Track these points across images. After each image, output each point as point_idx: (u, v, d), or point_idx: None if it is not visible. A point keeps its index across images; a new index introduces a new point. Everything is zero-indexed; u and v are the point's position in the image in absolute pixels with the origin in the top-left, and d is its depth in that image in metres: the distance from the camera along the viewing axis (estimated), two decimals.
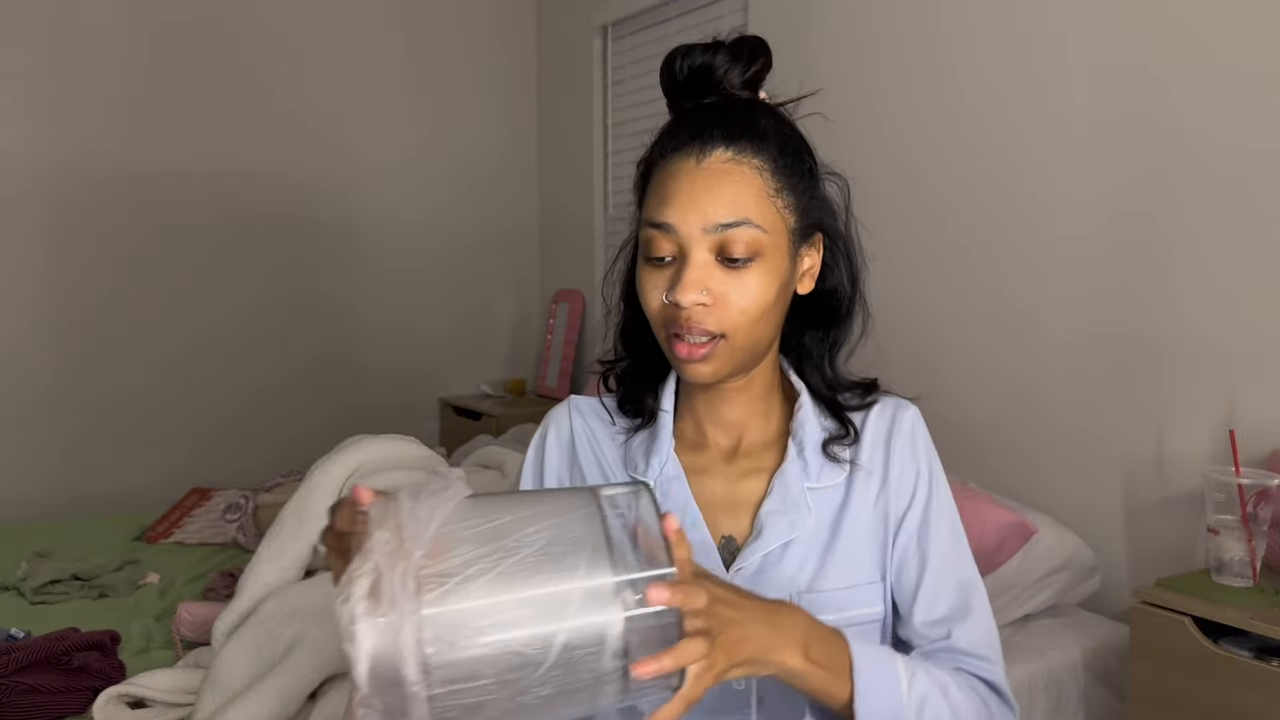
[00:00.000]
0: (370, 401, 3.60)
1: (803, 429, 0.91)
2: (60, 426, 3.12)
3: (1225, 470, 1.57)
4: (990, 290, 2.17)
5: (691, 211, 0.81)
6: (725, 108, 0.85)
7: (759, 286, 0.82)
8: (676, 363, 0.85)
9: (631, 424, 0.95)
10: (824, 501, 0.90)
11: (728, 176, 0.81)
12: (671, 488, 0.90)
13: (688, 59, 0.86)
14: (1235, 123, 1.73)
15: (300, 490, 1.92)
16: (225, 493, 2.82)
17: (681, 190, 0.82)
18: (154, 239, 3.22)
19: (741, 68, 0.86)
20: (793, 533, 0.87)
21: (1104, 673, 1.79)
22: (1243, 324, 1.73)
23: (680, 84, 0.87)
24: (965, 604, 0.90)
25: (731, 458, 0.93)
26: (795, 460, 0.90)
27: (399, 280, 3.67)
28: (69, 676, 1.64)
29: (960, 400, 2.22)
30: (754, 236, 0.81)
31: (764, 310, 0.83)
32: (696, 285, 0.81)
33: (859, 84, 2.45)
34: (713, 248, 0.81)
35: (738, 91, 0.87)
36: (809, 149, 0.90)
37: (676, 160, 0.83)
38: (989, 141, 2.16)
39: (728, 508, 0.90)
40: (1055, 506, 1.99)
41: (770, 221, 0.82)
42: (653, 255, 0.84)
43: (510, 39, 3.87)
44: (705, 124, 0.83)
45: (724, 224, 0.80)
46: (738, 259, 0.81)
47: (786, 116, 0.90)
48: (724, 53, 0.86)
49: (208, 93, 3.28)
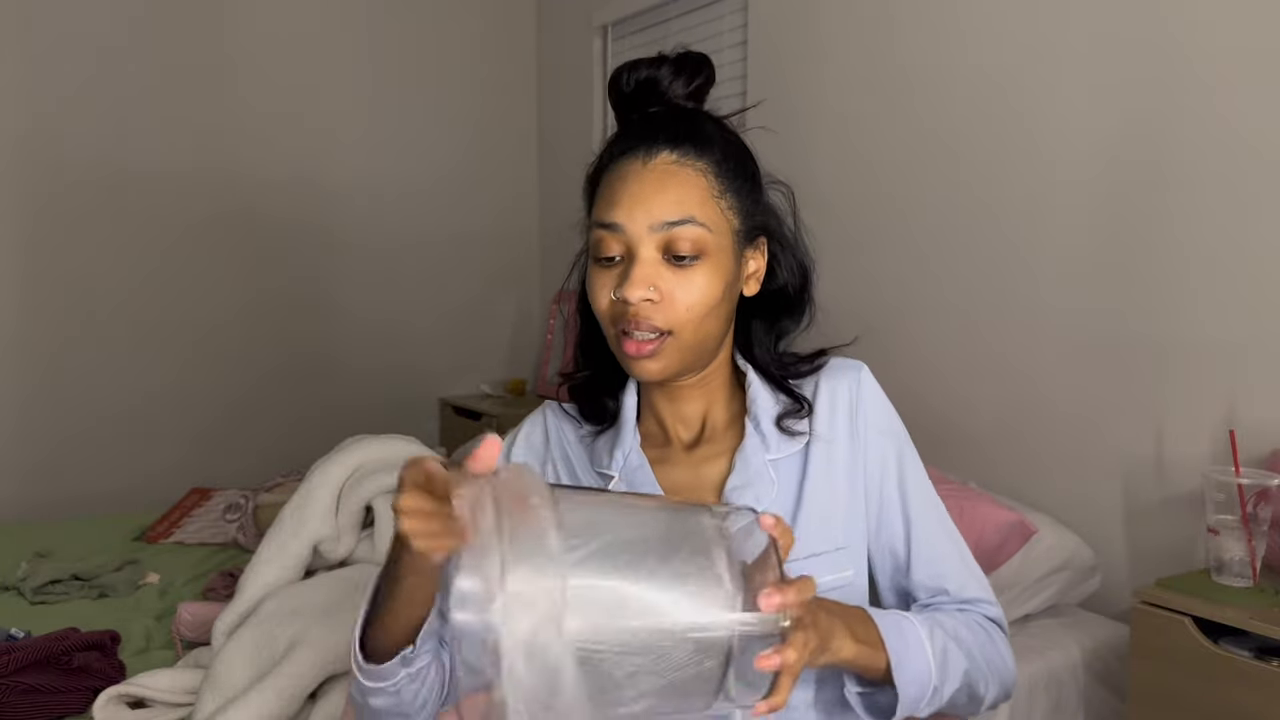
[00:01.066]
0: (370, 401, 3.60)
1: (755, 404, 0.94)
2: (60, 426, 3.12)
3: (1225, 470, 1.57)
4: (990, 290, 2.17)
5: (638, 210, 0.84)
6: (671, 115, 0.88)
7: (705, 284, 0.85)
8: (625, 360, 0.88)
9: (596, 428, 0.98)
10: (788, 469, 0.93)
11: (673, 178, 0.84)
12: (636, 477, 0.93)
13: (634, 73, 0.90)
14: (1235, 121, 1.73)
15: (300, 490, 1.92)
16: (225, 493, 2.82)
17: (629, 190, 0.85)
18: (154, 238, 3.22)
19: (685, 80, 0.90)
20: (758, 505, 0.89)
21: (1104, 673, 1.79)
22: (1243, 324, 1.73)
23: (627, 96, 0.91)
24: (958, 555, 0.96)
25: (693, 446, 0.96)
26: (753, 435, 0.93)
27: (399, 280, 3.67)
28: (69, 676, 1.64)
29: (960, 400, 2.22)
30: (699, 235, 0.84)
31: (710, 307, 0.86)
32: (644, 282, 0.84)
33: (859, 83, 2.45)
34: (659, 246, 0.84)
35: (681, 101, 0.90)
36: (751, 157, 0.93)
37: (624, 163, 0.86)
38: (987, 136, 2.16)
39: (693, 491, 0.93)
40: (1055, 506, 1.99)
41: (715, 221, 0.85)
42: (602, 255, 0.87)
43: (510, 39, 3.87)
44: (651, 129, 0.87)
45: (670, 221, 0.83)
46: (684, 256, 0.84)
47: (730, 126, 0.93)
48: (668, 66, 0.89)
49: (202, 91, 3.28)
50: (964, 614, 0.93)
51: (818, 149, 2.53)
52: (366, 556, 1.90)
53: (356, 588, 1.69)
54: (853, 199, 2.46)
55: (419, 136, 3.68)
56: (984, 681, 0.90)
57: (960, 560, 0.96)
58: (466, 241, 3.80)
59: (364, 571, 1.80)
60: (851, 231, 2.45)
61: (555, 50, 3.80)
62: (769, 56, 2.72)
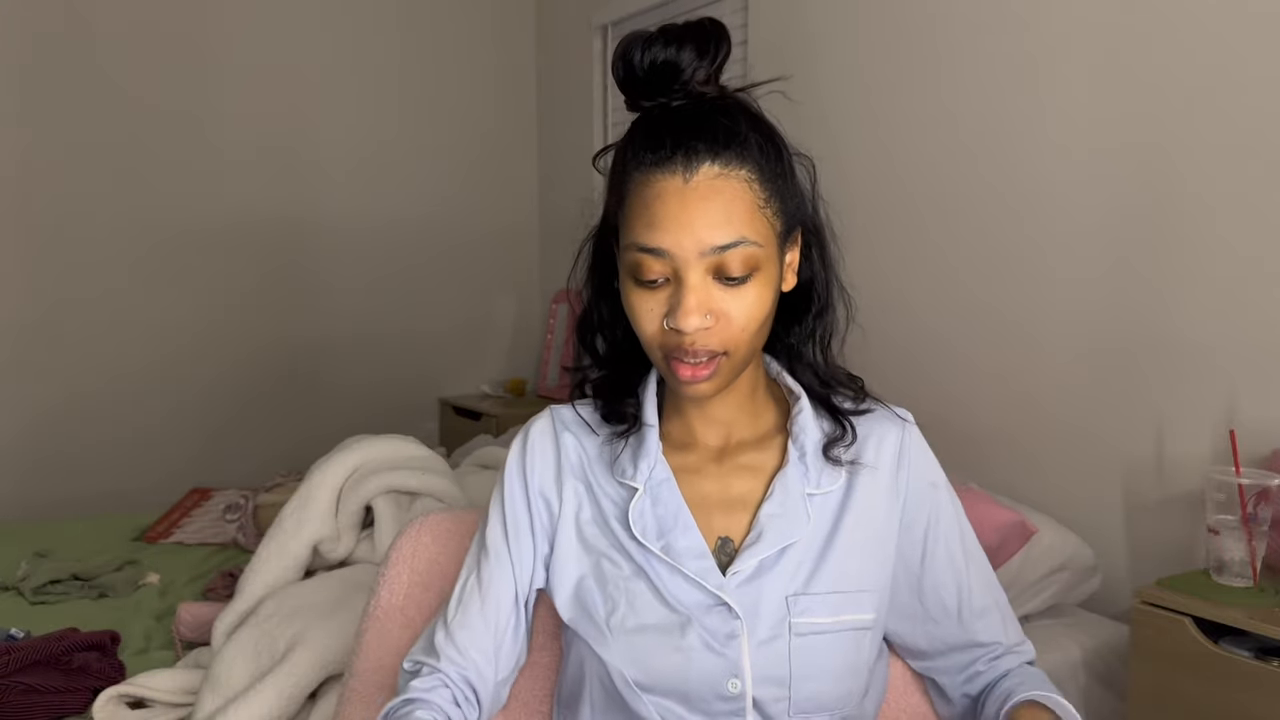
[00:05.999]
0: (370, 401, 3.60)
1: (804, 433, 0.90)
2: (60, 426, 3.12)
3: (1225, 470, 1.57)
4: (990, 290, 2.17)
5: (685, 236, 0.77)
6: (703, 113, 0.80)
7: (757, 300, 0.80)
8: (676, 383, 0.83)
9: (615, 430, 0.93)
10: (824, 508, 0.89)
11: (718, 195, 0.77)
12: (661, 491, 0.89)
13: (648, 52, 0.80)
14: (1235, 122, 1.73)
15: (300, 490, 1.92)
16: (225, 493, 2.82)
17: (671, 213, 0.78)
18: (153, 237, 3.22)
19: (708, 62, 0.81)
20: (792, 538, 0.86)
21: (1104, 673, 1.79)
22: (1243, 324, 1.73)
23: (640, 80, 0.81)
24: (1001, 609, 0.95)
25: (721, 456, 0.91)
26: (796, 464, 0.89)
27: (399, 280, 3.67)
28: (69, 676, 1.64)
29: (960, 400, 2.22)
30: (751, 253, 0.78)
31: (762, 321, 0.82)
32: (700, 310, 0.78)
33: (859, 83, 2.45)
34: (709, 269, 0.78)
35: (703, 88, 0.81)
36: (782, 139, 0.85)
37: (661, 178, 0.78)
38: (987, 141, 2.16)
39: (721, 506, 0.89)
40: (1055, 506, 1.99)
41: (763, 234, 0.80)
42: (644, 279, 0.80)
43: (509, 39, 3.87)
44: (686, 134, 0.78)
45: (720, 246, 0.77)
46: (736, 277, 0.79)
47: (756, 109, 0.85)
48: (690, 48, 0.80)
49: (202, 91, 3.28)
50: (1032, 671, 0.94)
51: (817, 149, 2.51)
52: (366, 556, 1.90)
53: (356, 588, 1.69)
54: (852, 199, 2.46)
55: (419, 138, 3.68)
56: None
57: (1003, 610, 0.95)
58: (467, 241, 3.80)
59: (364, 572, 1.80)
60: (851, 231, 2.43)
61: (555, 50, 3.80)
62: (769, 56, 2.72)
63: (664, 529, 0.87)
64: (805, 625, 0.85)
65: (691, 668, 0.84)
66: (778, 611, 0.85)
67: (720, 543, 0.88)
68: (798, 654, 0.84)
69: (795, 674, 0.84)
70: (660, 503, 0.88)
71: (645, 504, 0.88)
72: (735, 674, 0.84)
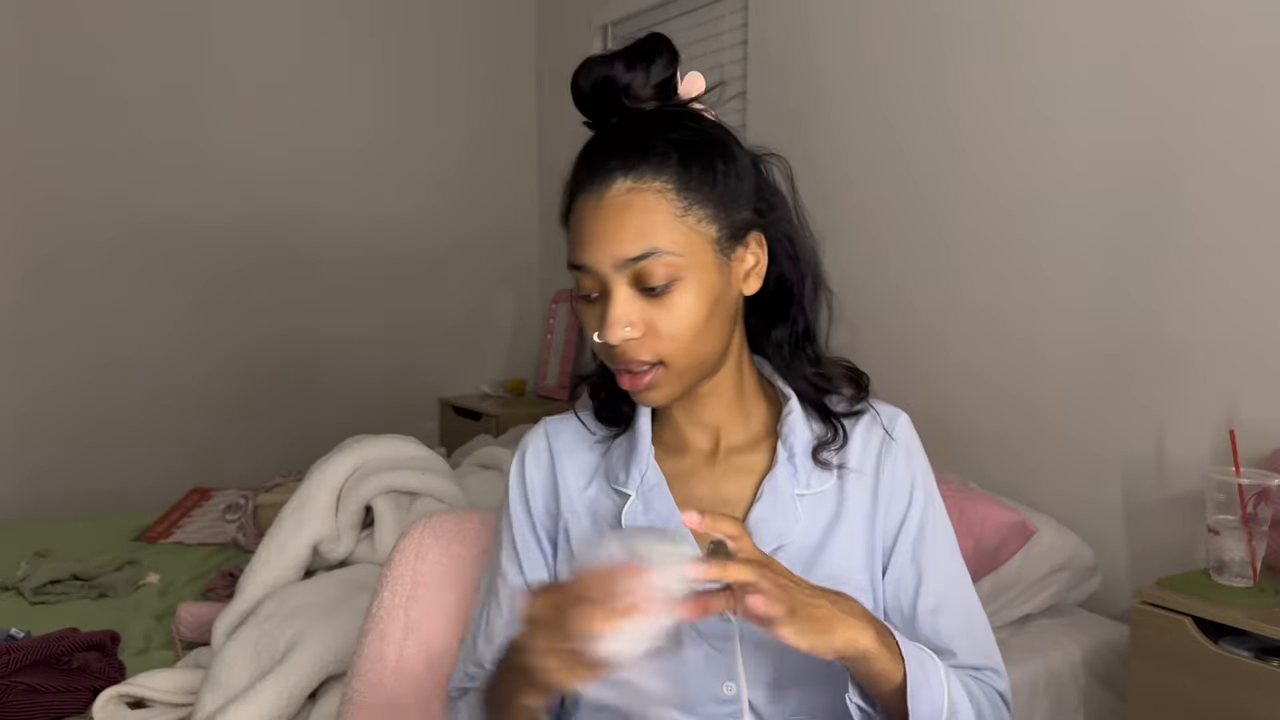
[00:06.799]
0: (370, 401, 3.60)
1: (793, 434, 0.90)
2: (60, 426, 3.11)
3: (1225, 470, 1.57)
4: (990, 291, 2.17)
5: (600, 250, 0.80)
6: (622, 132, 0.83)
7: (686, 309, 0.81)
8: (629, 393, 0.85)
9: (609, 432, 0.95)
10: (815, 508, 0.89)
11: (629, 209, 0.80)
12: (653, 496, 0.89)
13: (590, 73, 0.85)
14: (1235, 121, 1.73)
15: (300, 490, 1.92)
16: (225, 493, 2.82)
17: (588, 229, 0.81)
18: (154, 237, 3.22)
19: (643, 74, 0.84)
20: (782, 540, 0.86)
21: (1104, 673, 1.79)
22: (1243, 324, 1.73)
23: (587, 100, 0.86)
24: (969, 617, 0.91)
25: (712, 459, 0.92)
26: (785, 465, 0.89)
27: (399, 280, 3.67)
28: (69, 676, 1.64)
29: (961, 401, 2.22)
30: (667, 263, 0.80)
31: (697, 329, 0.82)
32: (620, 323, 0.80)
33: (859, 83, 2.45)
34: (630, 280, 0.80)
35: (643, 104, 0.85)
36: (724, 146, 0.85)
37: (583, 198, 0.83)
38: (985, 137, 2.16)
39: (714, 508, 0.88)
40: (1055, 506, 1.99)
41: (683, 242, 0.80)
42: (581, 294, 0.84)
43: (509, 39, 3.87)
44: (601, 155, 0.83)
45: (632, 258, 0.80)
46: (655, 287, 0.80)
47: (695, 120, 0.86)
48: (622, 61, 0.84)
49: (201, 91, 3.28)
50: (976, 679, 0.88)
51: (817, 149, 2.53)
52: (366, 556, 1.90)
53: (357, 588, 1.69)
54: (852, 199, 2.46)
55: (419, 138, 3.68)
56: None
57: (971, 624, 0.91)
58: (466, 241, 3.80)
59: (364, 571, 1.80)
60: (851, 231, 2.45)
61: (555, 50, 3.80)
62: (769, 56, 2.72)
63: None
64: None
65: (686, 673, 0.84)
66: None
67: (712, 546, 0.88)
68: (790, 657, 0.83)
69: (790, 675, 0.84)
70: (652, 508, 0.89)
71: (638, 509, 0.89)
72: (730, 676, 0.84)
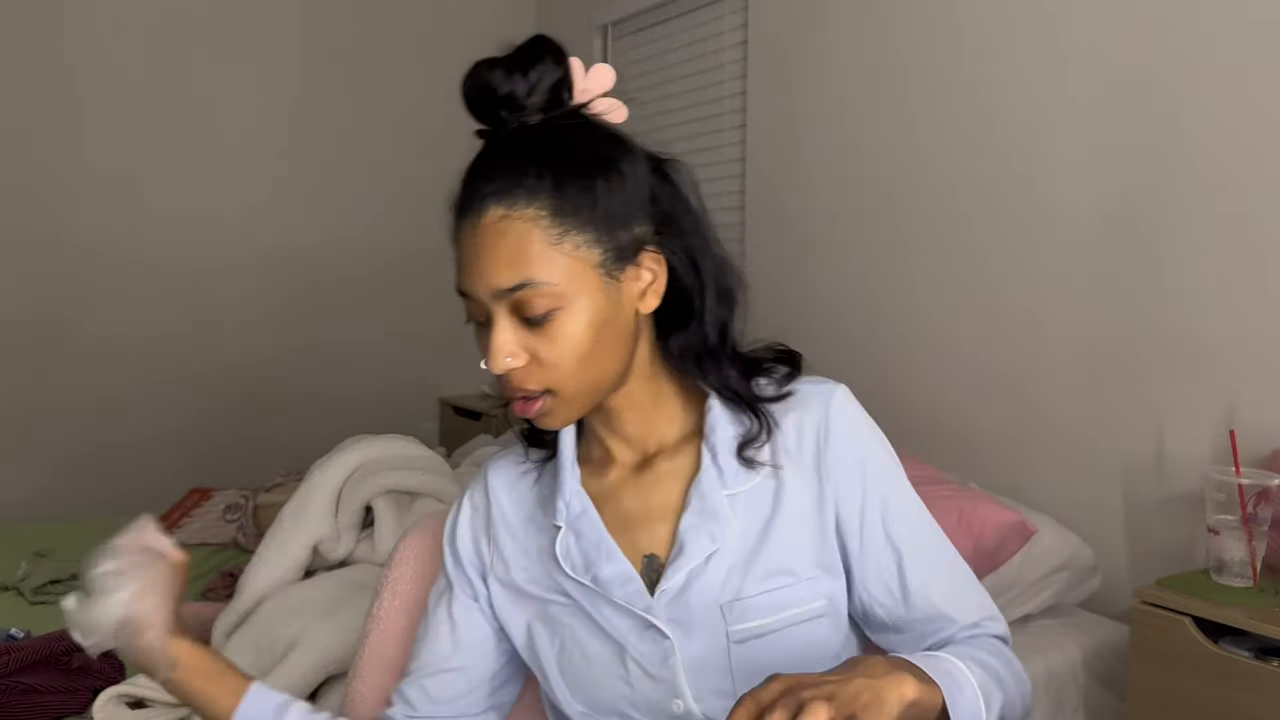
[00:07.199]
0: (370, 402, 3.60)
1: (714, 434, 0.86)
2: (60, 426, 3.12)
3: (1225, 470, 1.57)
4: (988, 290, 2.17)
5: (478, 280, 0.78)
6: (497, 154, 0.80)
7: (569, 338, 0.77)
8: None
9: (542, 456, 0.93)
10: (750, 504, 0.85)
11: (501, 239, 0.77)
12: (581, 524, 0.87)
13: (474, 80, 0.81)
14: (1235, 120, 1.73)
15: (300, 490, 1.93)
16: (225, 493, 2.82)
17: (467, 257, 0.79)
18: (155, 239, 3.22)
19: (524, 82, 0.80)
20: (714, 545, 0.84)
21: (1104, 673, 1.79)
22: (1243, 324, 1.73)
23: (471, 106, 0.82)
24: (956, 577, 0.87)
25: (640, 468, 0.89)
26: (710, 468, 0.85)
27: (399, 280, 3.67)
28: (69, 676, 1.64)
29: (961, 400, 2.22)
30: (544, 293, 0.76)
31: (582, 357, 0.78)
32: (501, 352, 0.77)
33: (859, 81, 2.45)
34: (510, 309, 0.77)
35: (528, 114, 0.81)
36: (608, 161, 0.80)
37: (460, 223, 0.80)
38: (986, 137, 2.16)
39: (644, 521, 0.87)
40: (1055, 506, 1.99)
41: (561, 271, 0.77)
42: (470, 319, 0.82)
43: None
44: (477, 179, 0.79)
45: (505, 290, 0.77)
46: (534, 317, 0.77)
47: (582, 132, 0.82)
48: (500, 69, 0.80)
49: (215, 91, 3.27)
50: (978, 640, 0.85)
51: (817, 149, 2.53)
52: (366, 556, 1.90)
53: (356, 588, 1.69)
54: (852, 200, 2.46)
55: (419, 137, 3.68)
56: (1012, 705, 0.82)
57: (958, 581, 0.87)
58: None
59: (364, 571, 1.80)
60: (851, 232, 2.45)
61: None
62: (769, 56, 2.72)
63: (589, 561, 0.86)
64: (744, 632, 0.82)
65: (635, 694, 0.84)
66: (714, 623, 0.83)
67: (646, 561, 0.87)
68: (742, 663, 0.82)
69: (742, 683, 0.81)
70: (583, 535, 0.87)
71: (570, 539, 0.87)
72: (676, 695, 0.83)
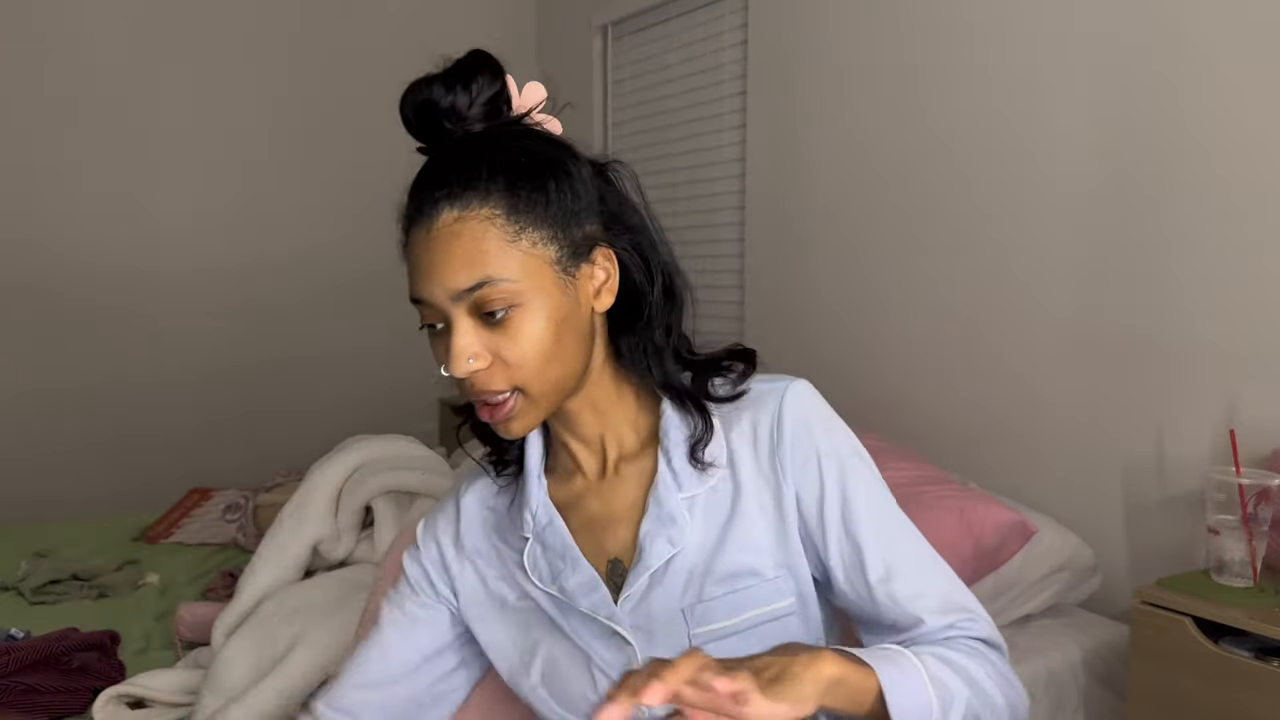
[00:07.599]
0: (370, 401, 3.60)
1: (668, 437, 0.87)
2: (60, 426, 3.12)
3: (1226, 470, 1.57)
4: (990, 289, 2.17)
5: (434, 284, 0.79)
6: (446, 160, 0.81)
7: (530, 334, 0.79)
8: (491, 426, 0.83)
9: (510, 472, 0.93)
10: (708, 506, 0.86)
11: (457, 240, 0.78)
12: (546, 535, 0.89)
13: (412, 97, 0.82)
14: (1235, 119, 1.73)
15: (300, 490, 1.93)
16: (225, 493, 2.82)
17: (421, 263, 0.80)
18: (154, 240, 3.22)
19: (465, 95, 0.81)
20: (673, 549, 0.84)
21: (1104, 673, 1.79)
22: (1243, 324, 1.73)
23: (412, 124, 0.83)
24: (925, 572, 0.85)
25: (603, 473, 0.90)
26: (665, 472, 0.86)
27: (400, 280, 3.66)
28: (69, 676, 1.64)
29: (961, 400, 2.22)
30: (503, 290, 0.77)
31: (545, 353, 0.79)
32: (463, 354, 0.78)
33: (859, 81, 2.45)
34: (469, 310, 0.78)
35: (470, 126, 0.82)
36: (557, 162, 0.82)
37: (413, 232, 0.81)
38: (986, 137, 2.16)
39: (609, 525, 0.88)
40: (1055, 506, 1.99)
41: (517, 268, 0.78)
42: (424, 324, 0.83)
43: (510, 39, 3.87)
44: (426, 186, 0.80)
45: (466, 289, 0.78)
46: (495, 313, 0.78)
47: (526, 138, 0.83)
48: (440, 84, 0.82)
49: (217, 93, 3.27)
50: (952, 641, 0.82)
51: (817, 149, 2.53)
52: (366, 556, 1.90)
53: (356, 588, 1.69)
54: (852, 199, 2.46)
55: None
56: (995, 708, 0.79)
57: (926, 578, 0.84)
58: None
59: (364, 571, 1.80)
60: (851, 231, 2.45)
61: (555, 50, 3.80)
62: (769, 56, 2.72)
63: (555, 570, 0.87)
64: (707, 634, 0.83)
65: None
66: (676, 627, 0.84)
67: (610, 566, 0.88)
68: None
69: None
70: (549, 546, 0.88)
71: (537, 550, 0.89)
72: None
